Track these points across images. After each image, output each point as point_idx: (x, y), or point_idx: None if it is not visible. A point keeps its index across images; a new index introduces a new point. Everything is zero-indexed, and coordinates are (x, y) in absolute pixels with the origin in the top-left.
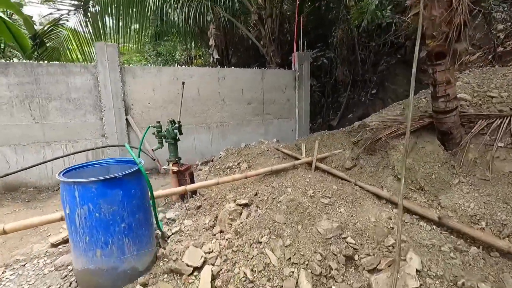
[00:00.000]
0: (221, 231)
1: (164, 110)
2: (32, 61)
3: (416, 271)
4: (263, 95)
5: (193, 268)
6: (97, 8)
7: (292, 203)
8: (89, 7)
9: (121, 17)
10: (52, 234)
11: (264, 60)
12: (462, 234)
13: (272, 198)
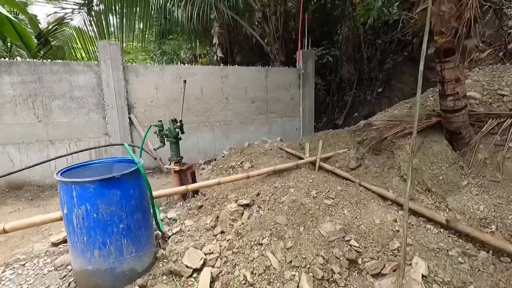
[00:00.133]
0: (222, 232)
1: (167, 108)
2: (36, 60)
3: (422, 276)
4: (267, 94)
5: (192, 270)
6: (101, 7)
7: (295, 204)
8: (93, 5)
9: (125, 15)
10: (54, 233)
11: (268, 58)
12: (471, 238)
13: (274, 199)
